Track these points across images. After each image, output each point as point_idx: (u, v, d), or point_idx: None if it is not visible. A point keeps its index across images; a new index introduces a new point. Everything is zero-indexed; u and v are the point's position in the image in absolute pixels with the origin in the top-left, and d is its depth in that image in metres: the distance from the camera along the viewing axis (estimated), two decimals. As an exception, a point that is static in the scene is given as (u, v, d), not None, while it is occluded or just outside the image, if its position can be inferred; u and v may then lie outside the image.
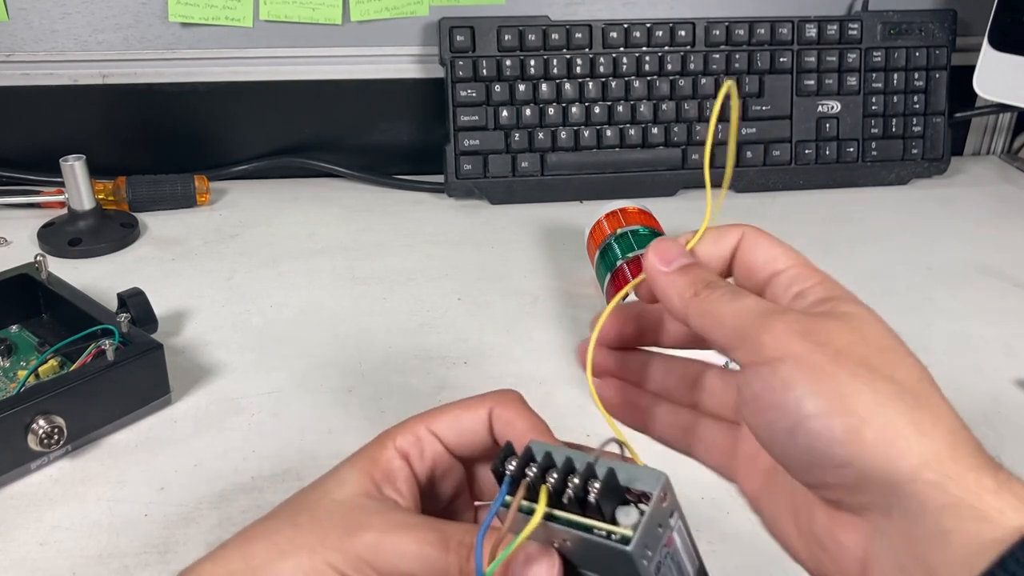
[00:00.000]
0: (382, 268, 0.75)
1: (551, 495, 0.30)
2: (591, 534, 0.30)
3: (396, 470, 0.34)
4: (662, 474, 0.31)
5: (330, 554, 0.31)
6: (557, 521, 0.30)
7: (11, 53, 0.85)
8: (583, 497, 0.29)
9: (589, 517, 0.30)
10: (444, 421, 0.35)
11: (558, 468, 0.30)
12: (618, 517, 0.30)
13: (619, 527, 0.29)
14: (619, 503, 0.30)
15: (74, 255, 0.76)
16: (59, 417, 0.50)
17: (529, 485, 0.30)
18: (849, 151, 0.91)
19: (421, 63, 0.90)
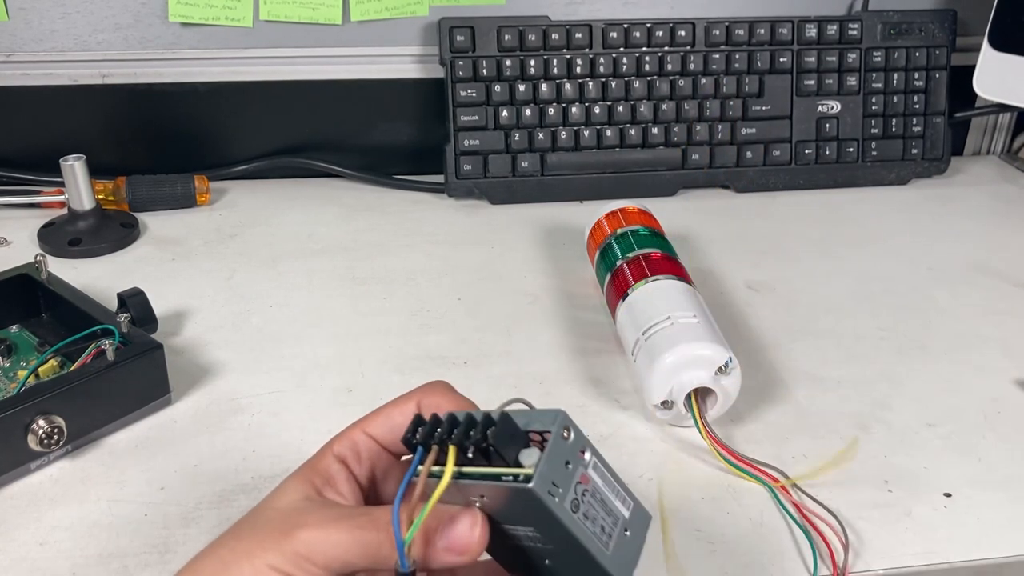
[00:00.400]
0: (382, 268, 0.75)
1: (459, 453, 0.30)
2: (499, 481, 0.30)
3: (335, 474, 0.35)
4: (559, 411, 0.31)
5: (269, 556, 0.31)
6: (467, 477, 0.31)
7: (11, 53, 0.85)
8: (484, 446, 0.30)
9: (495, 466, 0.30)
10: (376, 421, 0.36)
11: (460, 425, 0.31)
12: (521, 459, 0.30)
13: (522, 468, 0.30)
14: (521, 447, 0.30)
15: (74, 255, 0.76)
16: (59, 417, 0.50)
17: (439, 448, 0.31)
18: (849, 151, 0.91)
19: (421, 63, 0.90)
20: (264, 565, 0.31)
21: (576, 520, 0.31)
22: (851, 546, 0.47)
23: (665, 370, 0.53)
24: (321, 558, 0.31)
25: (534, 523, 0.31)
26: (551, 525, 0.31)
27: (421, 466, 0.31)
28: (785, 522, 0.48)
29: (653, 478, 0.51)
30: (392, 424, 0.36)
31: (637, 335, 0.56)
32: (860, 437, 0.55)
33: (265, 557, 0.31)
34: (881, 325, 0.67)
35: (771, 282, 0.73)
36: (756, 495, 0.50)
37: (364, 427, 0.37)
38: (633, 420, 0.56)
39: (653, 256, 0.63)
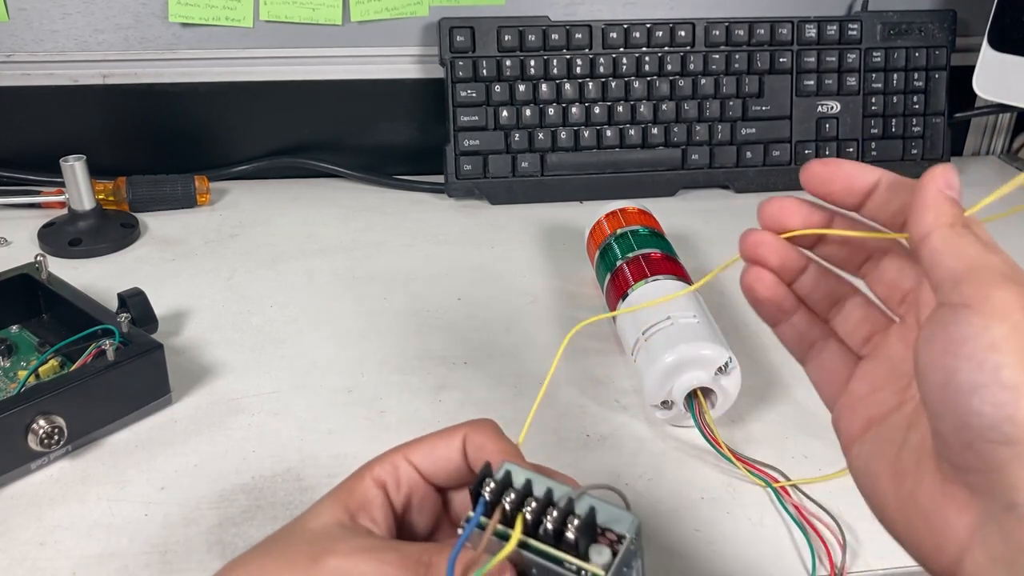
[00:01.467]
0: (382, 268, 0.75)
1: (527, 524, 0.30)
2: (562, 567, 0.30)
3: (372, 499, 0.34)
4: (636, 519, 0.31)
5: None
6: (529, 549, 0.30)
7: (11, 53, 0.85)
8: (560, 530, 0.30)
9: (562, 550, 0.30)
10: (420, 450, 0.36)
11: (537, 498, 0.30)
12: (591, 554, 0.30)
13: (591, 565, 0.30)
14: (591, 540, 0.30)
15: (74, 255, 0.76)
16: (59, 417, 0.50)
17: (505, 510, 0.31)
18: (849, 151, 0.91)
19: (421, 63, 0.90)
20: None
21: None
22: (850, 546, 0.47)
23: (665, 370, 0.53)
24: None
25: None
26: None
27: (485, 519, 0.31)
28: (784, 522, 0.48)
29: (653, 478, 0.52)
30: (436, 455, 0.36)
31: (637, 335, 0.56)
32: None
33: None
34: (881, 325, 0.67)
35: (771, 282, 0.73)
36: (756, 495, 0.50)
37: (407, 454, 0.36)
38: (633, 420, 0.56)
39: (653, 256, 0.63)
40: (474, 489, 0.31)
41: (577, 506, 0.31)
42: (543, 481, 0.32)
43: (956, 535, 0.29)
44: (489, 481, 0.31)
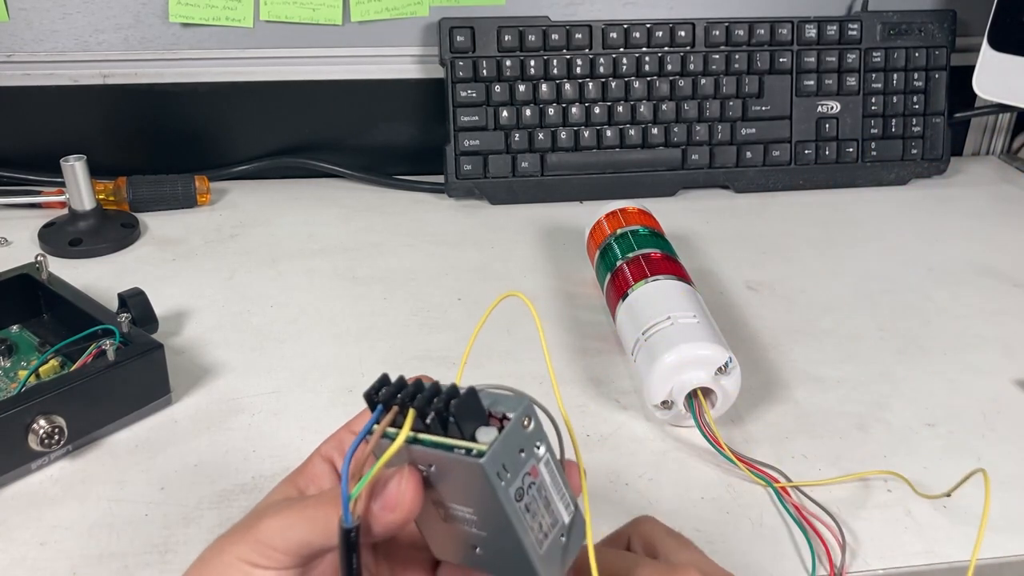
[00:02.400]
0: (382, 268, 0.75)
1: (417, 418, 0.30)
2: (451, 452, 0.30)
3: (319, 473, 0.36)
4: (526, 397, 0.31)
5: (235, 548, 0.32)
6: (420, 444, 0.31)
7: (11, 53, 0.85)
8: (444, 416, 0.30)
9: (450, 437, 0.30)
10: (361, 419, 0.37)
11: (424, 393, 0.31)
12: (477, 436, 0.30)
13: (476, 444, 0.30)
14: (480, 424, 0.30)
15: (75, 255, 0.76)
16: (60, 417, 0.50)
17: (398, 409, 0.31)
18: (849, 151, 0.91)
19: (421, 63, 0.90)
20: (233, 558, 0.32)
21: (517, 509, 0.30)
22: (850, 546, 0.47)
23: (665, 370, 0.53)
24: (280, 542, 0.32)
25: (475, 504, 0.31)
26: (491, 508, 0.30)
27: (376, 425, 0.31)
28: (785, 522, 0.48)
29: (653, 478, 0.52)
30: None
31: (637, 335, 0.56)
32: (860, 437, 0.55)
33: (233, 551, 0.32)
34: (881, 325, 0.67)
35: (771, 282, 0.73)
36: (756, 495, 0.50)
37: (350, 426, 0.38)
38: (633, 420, 0.56)
39: (653, 256, 0.63)
40: (367, 394, 0.32)
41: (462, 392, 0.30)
42: (433, 381, 0.32)
43: None
44: (382, 386, 0.32)
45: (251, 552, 0.32)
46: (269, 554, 0.32)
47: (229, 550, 0.32)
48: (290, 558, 0.32)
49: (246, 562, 0.32)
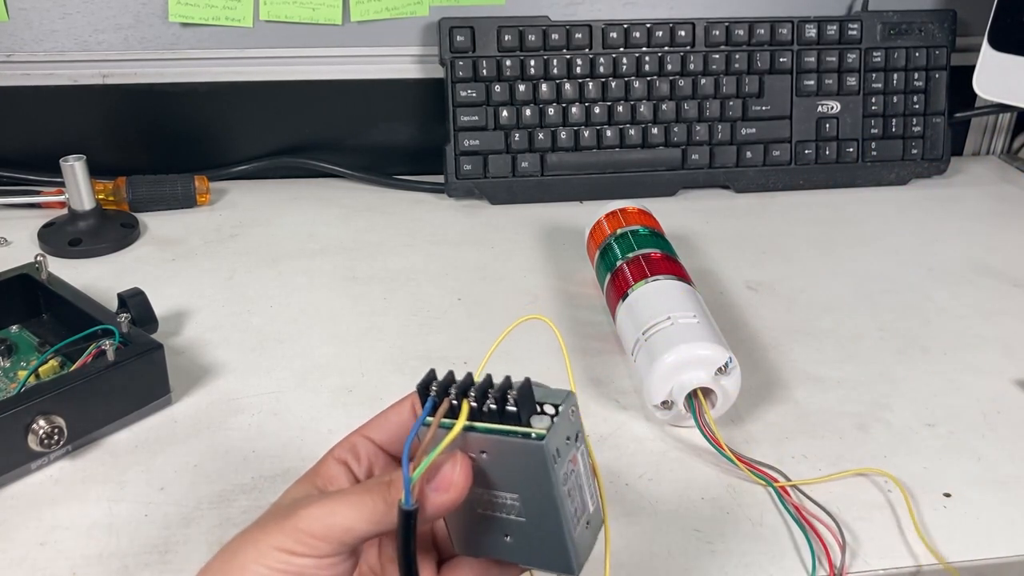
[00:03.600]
0: (382, 268, 0.75)
1: (472, 411, 0.33)
2: (507, 436, 0.32)
3: (336, 475, 0.37)
4: (570, 392, 0.34)
5: (271, 538, 0.32)
6: (476, 431, 0.33)
7: (11, 53, 0.85)
8: (502, 406, 0.32)
9: (506, 424, 0.33)
10: (373, 424, 0.38)
11: (477, 385, 0.33)
12: (532, 422, 0.32)
13: (533, 428, 0.32)
14: (532, 412, 0.33)
15: (74, 255, 0.76)
16: (59, 417, 0.50)
17: (452, 405, 0.33)
18: (849, 151, 0.91)
19: (421, 63, 0.90)
20: (268, 547, 0.32)
21: (563, 492, 0.33)
22: (850, 546, 0.47)
23: (665, 370, 0.53)
24: (321, 530, 0.32)
25: (523, 487, 0.33)
26: (541, 491, 0.33)
27: (431, 417, 0.33)
28: (785, 522, 0.48)
29: (653, 478, 0.51)
30: (388, 424, 0.38)
31: (637, 335, 0.56)
32: (860, 437, 0.55)
33: (268, 540, 0.32)
34: (881, 325, 0.67)
35: (771, 282, 0.73)
36: (756, 495, 0.50)
37: (362, 431, 0.38)
38: (633, 420, 0.56)
39: (653, 256, 0.63)
40: (420, 387, 0.34)
41: (514, 383, 0.33)
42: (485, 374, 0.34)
43: None
44: (434, 383, 0.33)
45: (289, 541, 0.32)
46: (309, 542, 0.32)
47: (264, 540, 0.32)
48: (331, 546, 0.32)
49: (284, 551, 0.32)
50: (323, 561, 0.32)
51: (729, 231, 0.82)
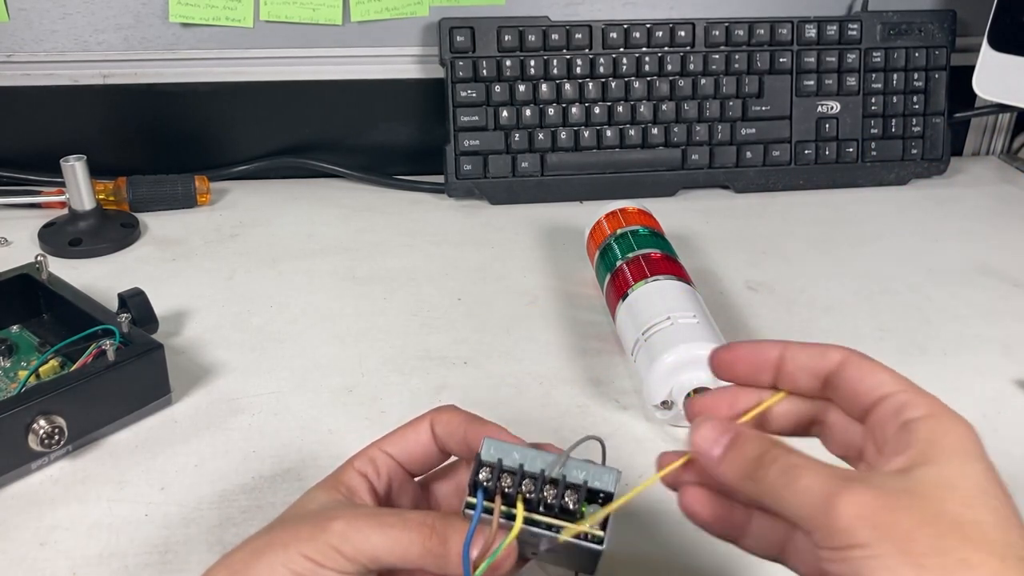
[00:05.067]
0: (382, 268, 0.75)
1: (526, 502, 0.34)
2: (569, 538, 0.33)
3: (357, 486, 0.37)
4: (618, 472, 0.35)
5: (302, 545, 0.33)
6: (530, 523, 0.34)
7: (11, 53, 0.85)
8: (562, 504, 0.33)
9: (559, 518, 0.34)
10: (393, 440, 0.39)
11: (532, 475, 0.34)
12: (586, 514, 0.33)
13: (588, 528, 0.33)
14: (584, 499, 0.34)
15: (74, 255, 0.76)
16: (60, 417, 0.50)
17: (504, 491, 0.34)
18: (849, 151, 0.91)
19: (421, 63, 0.90)
20: (297, 554, 0.33)
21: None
22: None
23: (665, 370, 0.53)
24: (351, 550, 0.33)
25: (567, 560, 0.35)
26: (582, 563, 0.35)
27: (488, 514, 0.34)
28: (785, 522, 0.48)
29: (653, 478, 0.51)
30: (407, 443, 0.39)
31: (637, 335, 0.56)
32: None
33: (299, 547, 0.33)
34: (881, 325, 0.67)
35: (771, 282, 0.73)
36: (756, 495, 0.50)
37: (381, 446, 0.39)
38: (633, 420, 0.56)
39: (653, 256, 0.63)
40: (472, 479, 0.34)
41: (568, 476, 0.34)
42: (530, 454, 0.34)
43: None
44: (484, 469, 0.34)
45: (317, 552, 0.33)
46: (335, 559, 0.33)
47: (295, 545, 0.33)
48: (354, 565, 0.33)
49: (311, 560, 0.33)
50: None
51: (729, 231, 0.82)
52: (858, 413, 0.34)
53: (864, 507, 0.28)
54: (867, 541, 0.28)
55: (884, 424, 0.32)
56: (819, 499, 0.29)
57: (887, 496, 0.29)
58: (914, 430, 0.31)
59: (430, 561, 0.34)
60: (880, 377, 0.33)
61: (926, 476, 0.29)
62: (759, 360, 0.36)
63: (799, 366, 0.35)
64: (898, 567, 0.27)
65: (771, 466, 0.31)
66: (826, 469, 0.30)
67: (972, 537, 0.27)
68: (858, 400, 0.34)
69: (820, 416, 0.36)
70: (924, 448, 0.30)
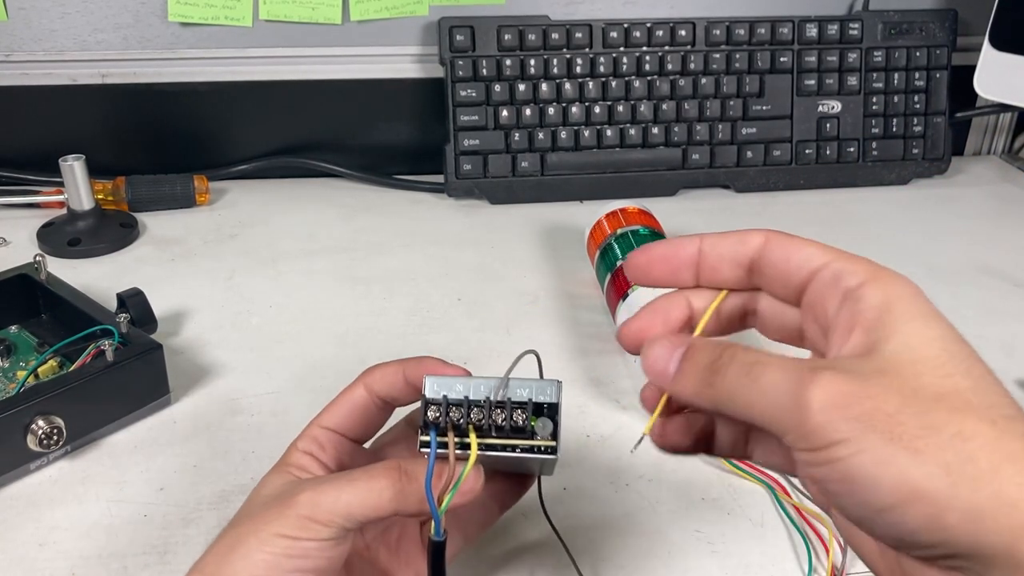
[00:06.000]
0: (382, 268, 0.75)
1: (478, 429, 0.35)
2: (524, 453, 0.35)
3: (306, 465, 0.37)
4: (558, 382, 0.36)
5: (273, 526, 0.33)
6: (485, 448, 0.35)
7: (10, 53, 0.85)
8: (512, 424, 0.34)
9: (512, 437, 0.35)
10: (329, 413, 0.39)
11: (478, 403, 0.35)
12: (537, 429, 0.35)
13: (540, 440, 0.35)
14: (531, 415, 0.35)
15: (73, 255, 0.76)
16: (58, 417, 0.50)
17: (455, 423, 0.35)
18: (850, 151, 0.91)
19: (421, 63, 0.90)
20: (270, 535, 0.33)
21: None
22: (849, 548, 0.46)
23: (665, 370, 0.53)
24: (324, 515, 0.33)
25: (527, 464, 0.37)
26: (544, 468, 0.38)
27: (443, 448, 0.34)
28: (785, 523, 0.48)
29: (653, 479, 0.51)
30: (342, 412, 0.39)
31: (637, 335, 0.56)
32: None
33: (270, 528, 0.33)
34: (882, 325, 0.67)
35: (771, 282, 0.73)
36: (756, 496, 0.50)
37: (319, 422, 0.39)
38: (633, 420, 0.56)
39: (653, 256, 0.63)
40: (422, 419, 0.35)
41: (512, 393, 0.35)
42: (473, 383, 0.35)
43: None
44: (431, 407, 0.35)
45: (291, 527, 0.33)
46: (312, 528, 0.33)
47: (265, 528, 0.33)
48: (331, 529, 0.33)
49: (286, 536, 0.33)
50: (325, 543, 0.33)
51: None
52: (791, 294, 0.32)
53: (838, 396, 0.25)
54: (849, 435, 0.25)
55: (823, 299, 0.30)
56: (787, 396, 0.26)
57: (861, 381, 0.26)
58: (859, 299, 0.29)
59: (403, 502, 0.34)
60: (807, 251, 0.31)
61: (893, 352, 0.27)
62: (677, 259, 0.33)
63: (720, 257, 0.33)
64: (892, 457, 0.25)
65: (728, 369, 0.29)
66: (789, 362, 0.27)
67: (958, 407, 0.26)
68: (789, 280, 0.31)
69: (750, 306, 0.34)
70: (877, 319, 0.28)
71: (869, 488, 0.25)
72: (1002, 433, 0.25)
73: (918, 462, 0.24)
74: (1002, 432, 0.25)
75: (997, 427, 0.25)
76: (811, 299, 0.31)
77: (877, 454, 0.25)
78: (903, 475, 0.25)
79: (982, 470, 0.24)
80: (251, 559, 0.32)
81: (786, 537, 0.47)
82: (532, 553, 0.46)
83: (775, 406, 0.27)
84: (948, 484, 0.24)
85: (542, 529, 0.46)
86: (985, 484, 0.24)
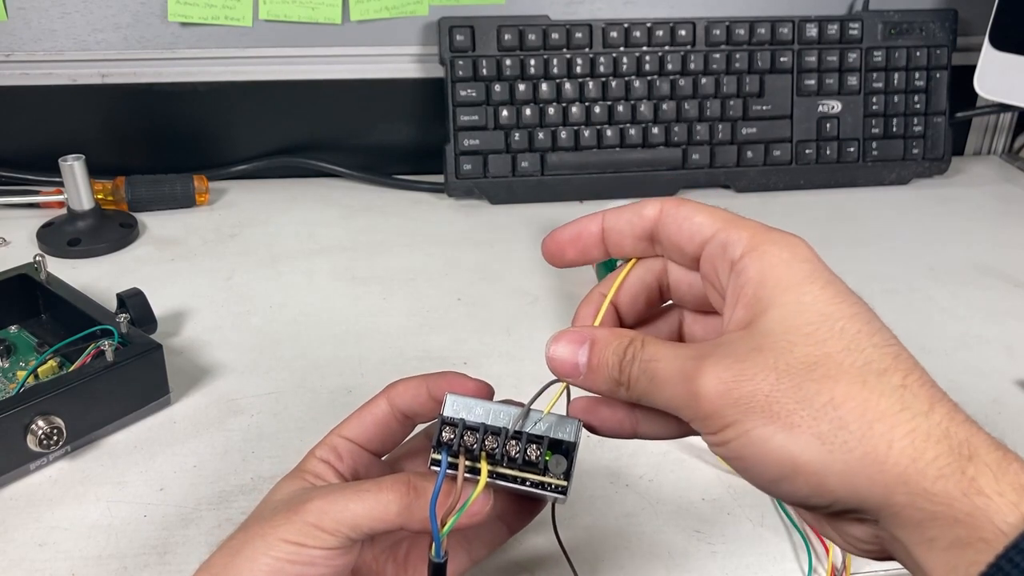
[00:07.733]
0: (382, 268, 0.75)
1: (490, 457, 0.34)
2: (529, 486, 0.34)
3: (323, 473, 0.37)
4: (579, 421, 0.34)
5: (281, 531, 0.33)
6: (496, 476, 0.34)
7: (10, 53, 0.85)
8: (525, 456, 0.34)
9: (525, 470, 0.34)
10: (350, 424, 0.39)
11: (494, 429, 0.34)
12: (549, 465, 0.34)
13: (551, 477, 0.34)
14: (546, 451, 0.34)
15: (73, 255, 0.76)
16: (58, 418, 0.50)
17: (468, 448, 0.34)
18: (850, 151, 0.91)
19: (421, 63, 0.90)
20: (277, 540, 0.33)
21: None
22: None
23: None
24: (330, 523, 0.33)
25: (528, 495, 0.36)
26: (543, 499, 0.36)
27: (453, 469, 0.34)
28: (785, 523, 0.48)
29: (653, 479, 0.51)
30: (364, 423, 0.39)
31: (637, 335, 0.56)
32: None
33: (277, 533, 0.33)
34: (882, 325, 0.67)
35: (771, 282, 0.73)
36: (756, 496, 0.50)
37: (340, 431, 0.39)
38: (633, 420, 0.56)
39: (653, 256, 0.63)
40: (435, 438, 0.34)
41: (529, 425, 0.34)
42: (493, 409, 0.35)
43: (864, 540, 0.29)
44: (446, 429, 0.34)
45: (297, 534, 0.33)
46: (317, 536, 0.33)
47: (272, 533, 0.33)
48: (337, 539, 0.33)
49: (292, 543, 0.33)
50: (330, 552, 0.33)
51: (729, 231, 0.82)
52: (691, 263, 0.33)
53: (721, 383, 0.28)
54: (735, 418, 0.27)
55: (716, 270, 0.31)
56: (681, 389, 0.29)
57: (740, 364, 0.28)
58: (741, 271, 0.30)
59: (409, 518, 0.34)
60: (697, 220, 0.32)
61: (768, 326, 0.29)
62: (583, 239, 0.35)
63: (620, 232, 0.34)
64: (772, 436, 0.27)
65: (633, 366, 0.31)
66: (680, 352, 0.30)
67: (830, 374, 0.27)
68: (684, 251, 0.33)
69: (663, 278, 0.35)
70: (754, 294, 0.30)
71: (759, 464, 0.28)
72: (871, 392, 0.27)
73: (794, 436, 0.27)
74: (871, 391, 0.27)
75: (867, 386, 0.27)
76: (705, 269, 0.32)
77: (759, 433, 0.27)
78: (783, 451, 0.27)
79: (853, 434, 0.26)
80: (256, 562, 0.33)
81: (786, 537, 0.47)
82: (531, 553, 0.46)
83: (675, 398, 0.29)
84: (824, 452, 0.26)
85: (541, 529, 0.46)
86: (856, 446, 0.26)
